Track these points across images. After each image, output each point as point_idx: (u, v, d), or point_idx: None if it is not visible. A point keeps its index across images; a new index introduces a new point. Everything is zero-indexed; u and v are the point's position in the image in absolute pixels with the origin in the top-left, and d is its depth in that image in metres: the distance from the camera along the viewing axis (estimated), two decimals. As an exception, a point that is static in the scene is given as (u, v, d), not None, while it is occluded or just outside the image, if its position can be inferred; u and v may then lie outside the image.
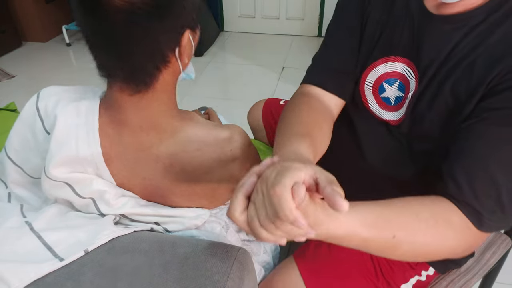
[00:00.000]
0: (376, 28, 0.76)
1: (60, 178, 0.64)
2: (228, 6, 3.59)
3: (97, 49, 0.58)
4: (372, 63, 0.78)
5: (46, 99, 0.68)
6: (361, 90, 0.81)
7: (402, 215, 0.54)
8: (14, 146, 0.73)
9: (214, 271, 0.57)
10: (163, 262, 0.58)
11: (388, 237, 0.51)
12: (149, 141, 0.64)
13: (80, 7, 0.54)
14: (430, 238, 0.54)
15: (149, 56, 0.58)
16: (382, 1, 0.75)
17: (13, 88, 2.71)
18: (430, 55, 0.68)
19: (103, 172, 0.65)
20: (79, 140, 0.63)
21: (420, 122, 0.71)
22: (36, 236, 0.62)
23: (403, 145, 0.77)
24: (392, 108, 0.78)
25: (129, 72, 0.59)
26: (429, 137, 0.71)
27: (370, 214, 0.51)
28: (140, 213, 0.67)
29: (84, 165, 0.64)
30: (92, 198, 0.66)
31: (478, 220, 0.56)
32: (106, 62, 0.59)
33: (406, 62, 0.73)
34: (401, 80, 0.74)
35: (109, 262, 0.59)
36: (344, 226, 0.48)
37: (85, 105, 0.65)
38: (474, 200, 0.56)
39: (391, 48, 0.74)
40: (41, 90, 0.70)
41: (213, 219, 0.74)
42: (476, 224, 0.57)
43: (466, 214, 0.56)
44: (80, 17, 0.55)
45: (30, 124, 0.69)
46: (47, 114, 0.67)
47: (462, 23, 0.64)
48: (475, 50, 0.63)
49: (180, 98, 2.59)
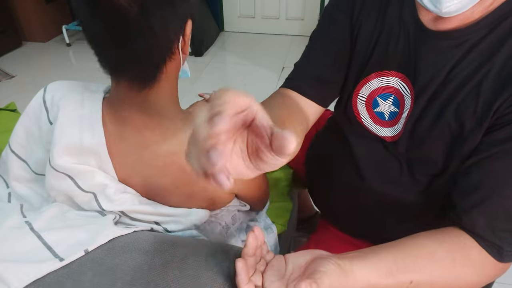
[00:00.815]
0: (370, 41, 0.73)
1: (64, 168, 0.64)
2: (228, 6, 3.59)
3: (106, 45, 0.57)
4: (365, 77, 0.75)
5: (53, 92, 0.69)
6: (353, 105, 0.79)
7: (417, 258, 0.53)
8: (19, 140, 0.73)
9: (214, 271, 0.57)
10: (163, 261, 0.58)
11: (405, 282, 0.51)
12: (152, 138, 0.64)
13: (88, 4, 0.53)
14: (449, 278, 0.54)
15: (160, 47, 0.58)
16: (374, 12, 0.72)
17: (13, 88, 2.71)
18: (428, 74, 0.65)
19: (106, 164, 0.65)
20: (84, 130, 0.64)
21: (420, 144, 0.69)
22: (36, 236, 0.62)
23: (402, 165, 0.75)
24: (386, 123, 0.75)
25: (139, 66, 0.59)
26: (431, 159, 0.69)
27: (385, 263, 0.51)
28: (140, 210, 0.67)
29: (88, 155, 0.65)
30: (93, 193, 0.66)
31: (498, 253, 0.56)
32: (115, 58, 0.59)
33: (400, 76, 0.70)
34: (395, 95, 0.72)
35: (109, 262, 0.59)
36: (360, 281, 0.49)
37: (89, 97, 0.66)
38: (491, 235, 0.56)
39: (385, 62, 0.72)
40: (49, 84, 0.71)
41: (213, 219, 0.75)
42: (497, 258, 0.56)
43: (485, 247, 0.56)
44: (88, 14, 0.54)
45: (36, 116, 0.71)
46: (52, 105, 0.68)
47: (462, 39, 0.61)
48: (480, 70, 0.60)
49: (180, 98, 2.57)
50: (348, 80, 0.78)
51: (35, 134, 0.72)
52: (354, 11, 0.74)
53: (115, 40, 0.56)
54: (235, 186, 0.71)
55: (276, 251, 0.96)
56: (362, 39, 0.74)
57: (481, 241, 0.56)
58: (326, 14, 0.79)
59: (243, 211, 0.85)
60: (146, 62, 0.59)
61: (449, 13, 0.58)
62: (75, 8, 0.56)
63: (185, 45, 0.62)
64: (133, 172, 0.67)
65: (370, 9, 0.73)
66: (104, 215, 0.67)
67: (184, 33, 0.60)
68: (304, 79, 0.79)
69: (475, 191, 0.59)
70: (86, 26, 0.56)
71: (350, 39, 0.76)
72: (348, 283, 0.47)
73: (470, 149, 0.63)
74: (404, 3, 0.69)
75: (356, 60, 0.76)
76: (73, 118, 0.65)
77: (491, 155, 0.59)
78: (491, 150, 0.59)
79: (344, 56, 0.77)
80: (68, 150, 0.64)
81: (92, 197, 0.67)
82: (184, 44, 0.62)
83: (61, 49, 3.31)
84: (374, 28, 0.72)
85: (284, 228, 1.01)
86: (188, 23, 0.60)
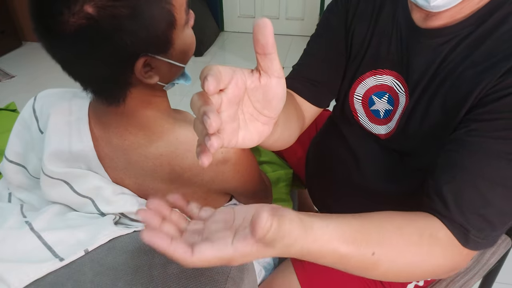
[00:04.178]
0: (363, 42, 0.74)
1: (57, 174, 0.65)
2: (228, 6, 3.59)
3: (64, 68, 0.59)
4: (360, 76, 0.76)
5: (42, 100, 0.70)
6: (350, 104, 0.80)
7: (383, 230, 0.49)
8: (14, 148, 0.74)
9: (214, 271, 0.57)
10: (163, 261, 0.58)
11: (367, 253, 0.47)
12: (137, 142, 0.64)
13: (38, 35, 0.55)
14: (414, 255, 0.50)
15: (104, 80, 0.58)
16: (367, 13, 0.74)
17: (13, 88, 2.71)
18: (420, 71, 0.66)
19: (98, 168, 0.66)
20: (72, 136, 0.64)
21: (411, 139, 0.69)
22: (36, 236, 0.62)
23: (397, 161, 0.75)
24: (381, 121, 0.76)
25: (94, 93, 0.60)
26: (423, 154, 0.69)
27: (349, 228, 0.46)
28: None
29: (78, 161, 0.65)
30: (90, 198, 0.66)
31: (464, 236, 0.53)
32: (75, 79, 0.60)
33: (394, 75, 0.71)
34: (390, 93, 0.73)
35: (109, 262, 0.59)
36: (320, 241, 0.43)
37: (76, 104, 0.67)
38: (460, 216, 0.53)
39: (378, 60, 0.73)
40: (39, 93, 0.72)
41: (213, 219, 0.74)
42: (462, 241, 0.53)
43: (452, 230, 0.53)
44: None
45: (28, 125, 0.71)
46: (41, 114, 0.69)
47: (451, 36, 0.62)
48: (463, 62, 0.61)
49: (180, 98, 2.59)
50: (345, 79, 0.80)
51: (29, 142, 0.72)
52: (349, 14, 0.76)
53: (65, 69, 0.57)
54: (229, 185, 0.70)
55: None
56: (356, 41, 0.75)
57: (448, 223, 0.53)
58: (323, 18, 0.81)
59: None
60: (99, 91, 0.60)
61: (437, 7, 0.59)
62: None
63: (145, 79, 0.58)
64: (125, 174, 0.67)
65: (364, 11, 0.74)
66: (104, 215, 0.67)
67: (135, 68, 0.56)
68: (300, 81, 0.80)
69: (448, 169, 0.57)
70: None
71: (346, 42, 0.77)
72: (307, 240, 0.41)
73: None
74: (398, 4, 0.70)
75: (352, 61, 0.77)
76: (61, 125, 0.65)
77: (467, 132, 0.57)
78: (469, 126, 0.58)
79: (340, 60, 0.78)
80: (58, 157, 0.64)
81: (90, 202, 0.67)
82: (143, 78, 0.57)
83: (61, 49, 3.32)
84: (367, 29, 0.74)
85: (284, 228, 1.01)
86: (137, 63, 0.55)
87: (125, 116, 0.63)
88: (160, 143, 0.63)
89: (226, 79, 0.39)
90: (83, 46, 0.52)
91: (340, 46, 0.77)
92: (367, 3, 0.74)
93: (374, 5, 0.73)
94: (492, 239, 0.55)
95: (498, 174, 0.54)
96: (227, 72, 0.39)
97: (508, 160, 0.53)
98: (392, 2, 0.71)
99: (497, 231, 0.55)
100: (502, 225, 0.55)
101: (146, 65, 0.57)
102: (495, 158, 0.54)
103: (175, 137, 0.64)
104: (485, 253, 0.95)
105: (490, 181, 0.54)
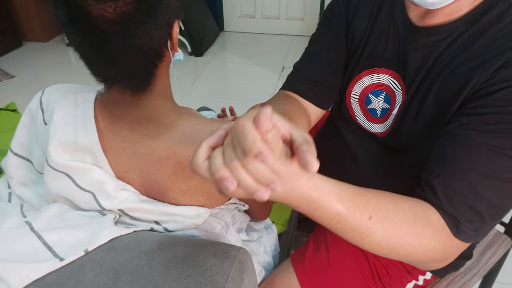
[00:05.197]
0: (361, 40, 0.75)
1: (60, 166, 0.65)
2: (228, 6, 3.59)
3: (95, 64, 0.59)
4: (357, 75, 0.77)
5: (49, 94, 0.71)
6: (347, 103, 0.81)
7: (380, 200, 0.50)
8: (21, 140, 0.75)
9: (214, 271, 0.57)
10: (163, 261, 0.58)
11: (364, 217, 0.47)
12: (146, 133, 0.65)
13: (73, 30, 0.54)
14: (407, 230, 0.51)
15: (147, 57, 0.59)
16: (368, 11, 0.74)
17: (13, 88, 2.71)
18: (415, 67, 0.67)
19: (102, 161, 0.66)
20: (78, 128, 0.65)
21: (407, 135, 0.70)
22: (36, 236, 0.62)
23: (395, 158, 0.76)
24: (378, 120, 0.77)
25: (130, 78, 0.61)
26: (419, 150, 0.69)
27: (348, 189, 0.46)
28: (140, 208, 0.67)
29: (83, 153, 0.65)
30: (92, 192, 0.66)
31: (455, 226, 0.54)
32: (106, 74, 0.61)
33: (390, 73, 0.72)
34: (386, 91, 0.74)
35: (109, 262, 0.59)
36: (319, 190, 0.42)
37: (82, 97, 0.68)
38: (450, 208, 0.54)
39: (375, 59, 0.74)
40: (48, 87, 0.73)
41: (213, 219, 0.75)
42: (453, 230, 0.54)
43: (444, 217, 0.54)
44: (74, 37, 0.56)
45: (34, 116, 0.72)
46: (48, 107, 0.70)
47: (447, 34, 0.63)
48: (457, 59, 0.62)
49: (180, 98, 2.59)
50: (343, 78, 0.80)
51: (34, 134, 0.73)
52: (349, 13, 0.76)
53: (103, 60, 0.58)
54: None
55: (276, 251, 0.96)
56: (355, 40, 0.76)
57: (441, 211, 0.54)
58: (324, 18, 0.82)
59: (243, 211, 0.85)
60: (137, 73, 0.60)
61: (433, 4, 0.60)
62: (63, 31, 0.57)
63: (175, 45, 0.63)
64: (129, 167, 0.67)
65: (364, 10, 0.75)
66: (104, 215, 0.67)
67: (171, 36, 0.61)
68: (302, 82, 0.80)
69: (441, 162, 0.58)
70: (75, 47, 0.58)
71: (346, 42, 0.78)
72: (309, 185, 0.41)
73: None
74: (396, 3, 0.71)
75: (351, 60, 0.78)
76: (67, 118, 0.66)
77: (459, 126, 0.58)
78: (460, 120, 0.59)
79: (341, 60, 0.79)
80: (63, 147, 0.65)
81: (91, 196, 0.67)
82: (174, 45, 0.63)
83: (61, 49, 3.32)
84: (366, 27, 0.75)
85: (284, 228, 1.01)
86: (174, 26, 0.61)
87: (139, 106, 0.64)
88: (168, 135, 0.65)
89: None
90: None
91: (341, 45, 0.78)
92: (368, 1, 0.75)
93: (374, 2, 0.74)
94: (482, 233, 0.56)
95: (488, 167, 0.55)
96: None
97: (498, 154, 0.54)
98: (391, 0, 0.72)
99: (487, 224, 0.56)
100: (492, 218, 0.56)
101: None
102: (485, 151, 0.54)
103: (182, 129, 0.65)
104: (485, 253, 0.95)
105: (480, 174, 0.54)
